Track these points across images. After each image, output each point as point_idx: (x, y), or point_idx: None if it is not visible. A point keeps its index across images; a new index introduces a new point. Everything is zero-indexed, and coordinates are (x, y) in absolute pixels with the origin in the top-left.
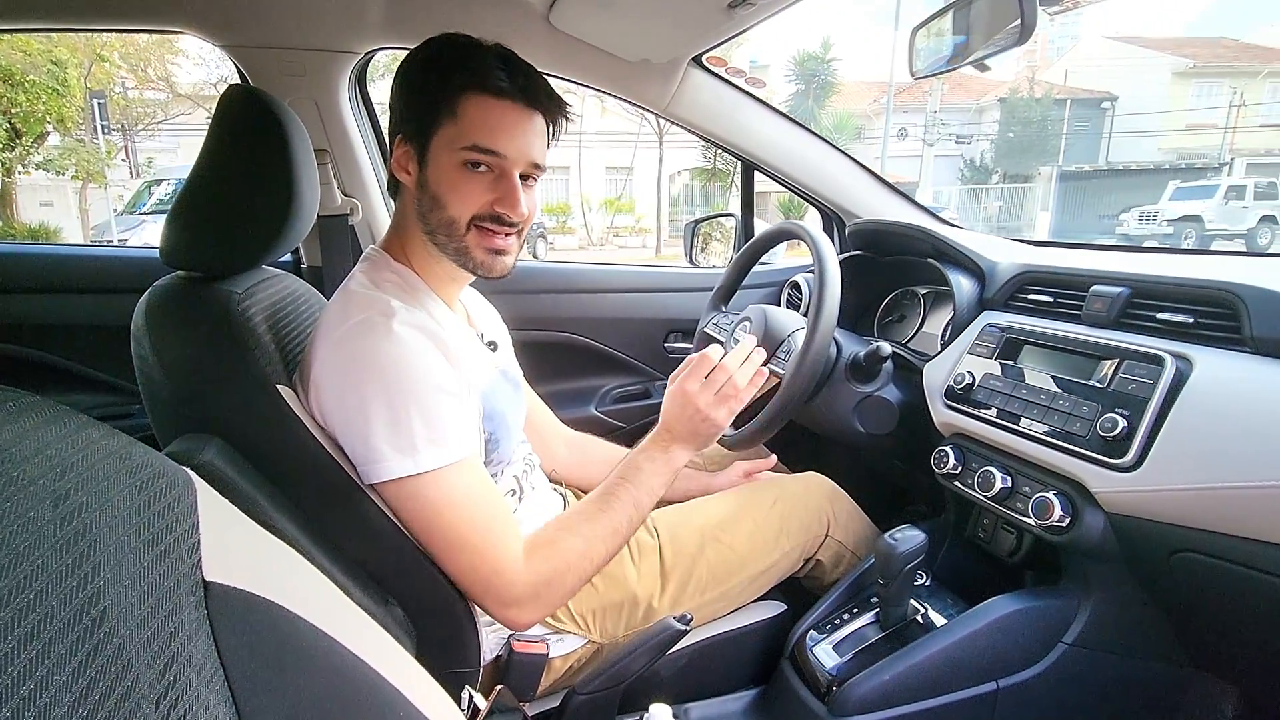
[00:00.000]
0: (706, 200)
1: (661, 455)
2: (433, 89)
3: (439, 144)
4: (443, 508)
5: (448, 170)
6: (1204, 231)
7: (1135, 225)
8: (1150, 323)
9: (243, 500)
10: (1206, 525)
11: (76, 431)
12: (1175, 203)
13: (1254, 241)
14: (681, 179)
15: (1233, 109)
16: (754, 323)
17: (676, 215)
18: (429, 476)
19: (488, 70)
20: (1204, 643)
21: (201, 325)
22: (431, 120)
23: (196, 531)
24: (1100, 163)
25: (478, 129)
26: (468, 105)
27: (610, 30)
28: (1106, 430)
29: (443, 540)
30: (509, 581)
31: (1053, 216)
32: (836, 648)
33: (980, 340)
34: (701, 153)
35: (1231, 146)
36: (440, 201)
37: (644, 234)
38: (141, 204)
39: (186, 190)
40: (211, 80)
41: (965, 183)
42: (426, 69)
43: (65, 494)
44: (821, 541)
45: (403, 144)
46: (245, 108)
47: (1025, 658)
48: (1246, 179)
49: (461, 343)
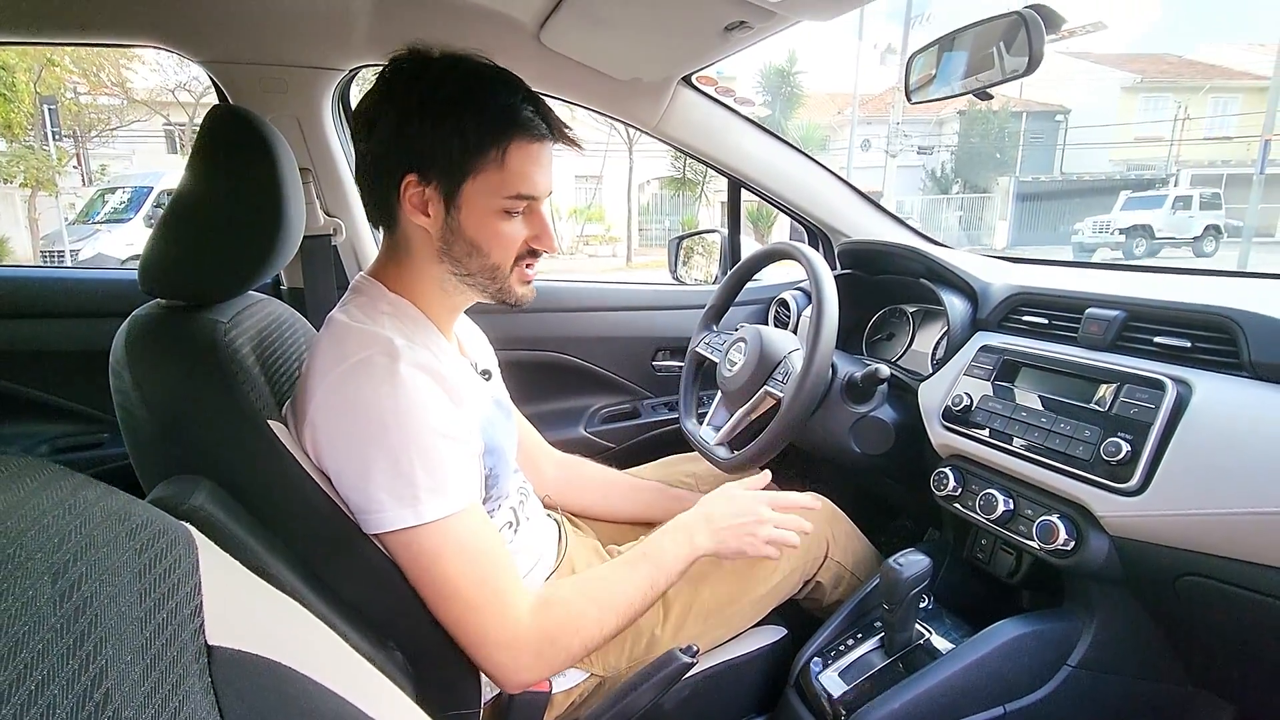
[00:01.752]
0: (676, 209)
1: (686, 541)
2: (472, 137)
3: (477, 190)
4: (443, 558)
5: (487, 217)
6: (1153, 240)
7: (1090, 234)
8: (1147, 346)
9: (236, 546)
10: (1212, 549)
11: (73, 494)
12: (1126, 212)
13: (1200, 249)
14: (651, 188)
15: (1178, 122)
16: (749, 344)
17: (646, 224)
18: (430, 527)
19: (524, 113)
20: (1204, 662)
21: (187, 358)
22: (468, 164)
23: (199, 593)
24: (1055, 173)
25: (521, 178)
26: (513, 154)
27: (602, 50)
28: (1110, 454)
29: (442, 590)
30: (511, 636)
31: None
32: (842, 674)
33: (976, 362)
34: (671, 162)
35: (1177, 159)
36: (482, 249)
37: (614, 242)
38: (95, 213)
39: (170, 215)
40: (169, 86)
41: (927, 193)
42: (459, 109)
43: (64, 566)
44: (821, 563)
45: (419, 184)
46: (231, 129)
47: (1031, 681)
48: (1192, 190)
49: (461, 377)
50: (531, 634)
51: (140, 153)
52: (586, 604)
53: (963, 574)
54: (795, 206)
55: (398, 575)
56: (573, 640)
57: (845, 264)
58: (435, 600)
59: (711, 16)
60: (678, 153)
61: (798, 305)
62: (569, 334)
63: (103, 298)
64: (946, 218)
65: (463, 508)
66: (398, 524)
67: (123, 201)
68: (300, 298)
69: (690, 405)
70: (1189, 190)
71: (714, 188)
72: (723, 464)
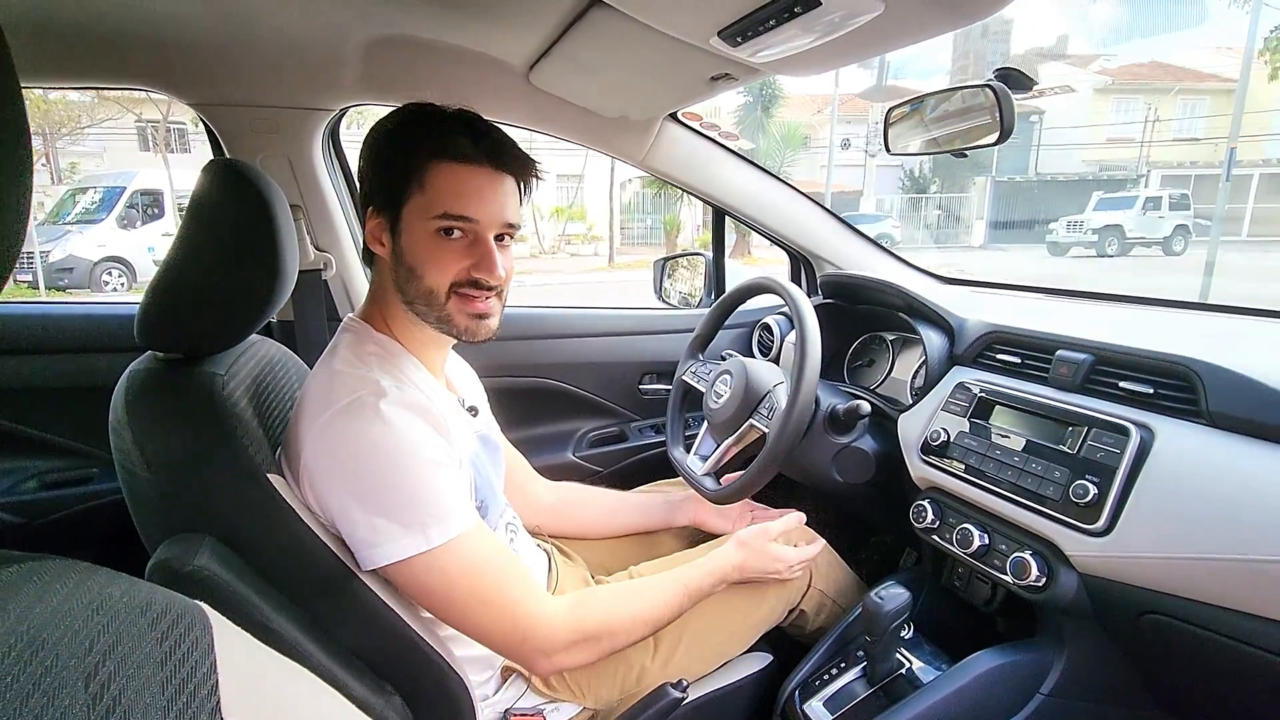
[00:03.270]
0: (658, 209)
1: (719, 572)
2: (399, 160)
3: (410, 214)
4: (462, 575)
5: (421, 239)
6: (1124, 239)
7: (1064, 233)
8: (1113, 390)
9: (240, 603)
10: (1173, 590)
11: (100, 594)
12: (1099, 213)
13: (1169, 248)
14: (633, 186)
15: (1148, 124)
16: (734, 377)
17: (628, 223)
18: (441, 550)
19: (452, 137)
20: (1168, 691)
21: (187, 418)
22: (401, 191)
23: (214, 672)
24: (1030, 174)
25: (446, 196)
26: (434, 174)
27: (589, 91)
28: (1079, 496)
29: (469, 604)
30: (551, 628)
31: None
32: (827, 704)
33: (953, 398)
34: None
35: (1147, 160)
36: (417, 272)
37: (596, 241)
38: (65, 213)
39: (169, 268)
40: None
41: (906, 192)
42: (392, 140)
43: (95, 669)
44: (804, 592)
45: (375, 215)
46: (228, 182)
47: (1006, 710)
48: (1162, 191)
49: (448, 413)
50: (568, 622)
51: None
52: (620, 608)
53: (941, 600)
54: (779, 234)
55: (397, 619)
56: (603, 639)
57: (827, 293)
58: (463, 615)
59: (697, 70)
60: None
61: (781, 331)
62: (556, 360)
63: (92, 333)
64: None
65: (470, 527)
66: (409, 551)
67: (94, 202)
68: (290, 330)
69: (678, 432)
70: (1159, 191)
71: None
72: (710, 495)
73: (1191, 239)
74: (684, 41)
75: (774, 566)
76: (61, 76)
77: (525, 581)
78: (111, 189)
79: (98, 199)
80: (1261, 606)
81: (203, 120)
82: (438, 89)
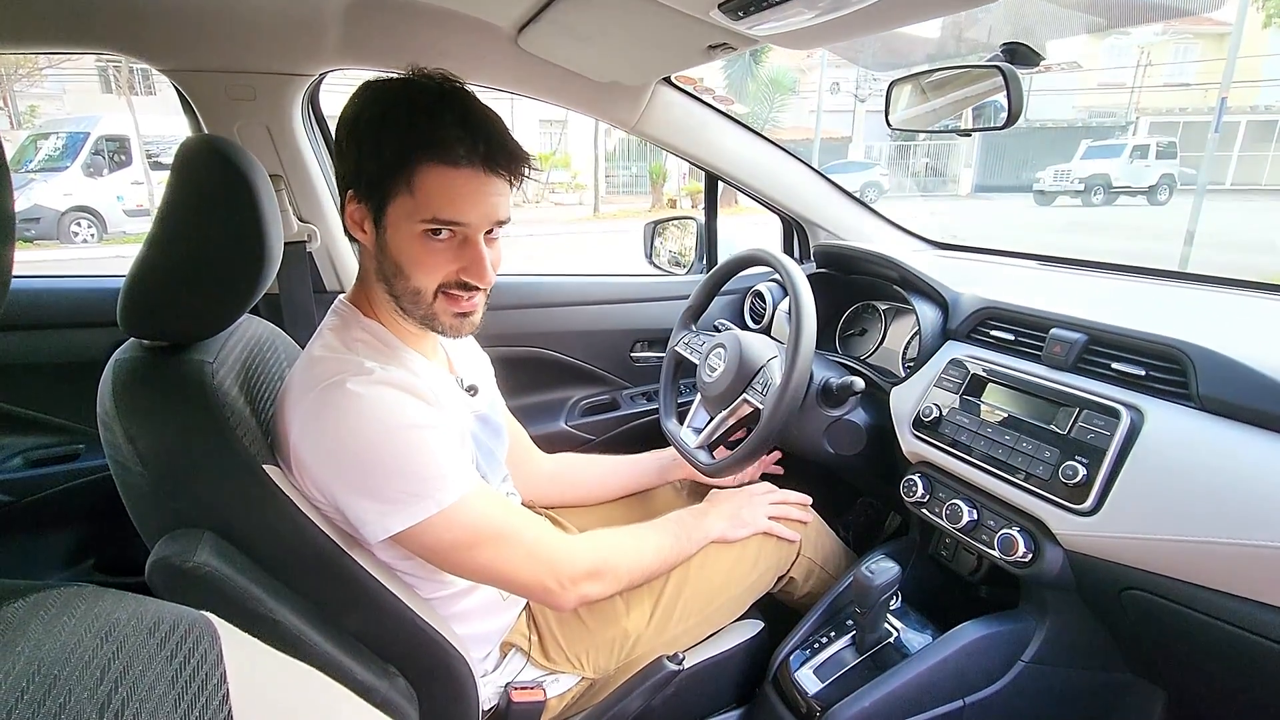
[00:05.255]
0: (643, 155)
1: (700, 523)
2: (386, 157)
3: (396, 213)
4: (481, 524)
5: (408, 240)
6: (1110, 190)
7: (1050, 182)
8: (1106, 371)
9: (242, 597)
10: (1155, 569)
11: (108, 620)
12: (1086, 161)
13: (1154, 198)
14: (618, 134)
15: (1140, 68)
16: (728, 350)
17: (613, 171)
18: (452, 509)
19: (446, 138)
20: (1143, 658)
21: (178, 410)
22: (387, 189)
23: (225, 683)
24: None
25: (436, 201)
26: (425, 178)
27: (581, 55)
28: (1068, 477)
29: (492, 550)
30: (572, 554)
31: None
32: (817, 672)
33: (946, 374)
34: None
35: (1137, 106)
36: (403, 271)
37: (580, 190)
38: (28, 160)
39: (150, 252)
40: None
41: (894, 139)
42: (379, 131)
43: (108, 698)
44: (794, 560)
45: (355, 200)
46: (207, 161)
47: (988, 676)
48: (1150, 138)
49: (441, 389)
50: (585, 549)
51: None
52: (628, 541)
53: (928, 569)
54: (773, 200)
55: (395, 600)
56: (619, 566)
57: (820, 263)
58: (488, 563)
59: (695, 37)
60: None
61: (773, 298)
62: (549, 329)
63: (76, 309)
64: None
65: (474, 484)
66: (421, 515)
67: (57, 148)
68: (275, 304)
69: (670, 404)
70: (1146, 139)
71: None
72: (703, 468)
73: (1177, 188)
74: (683, 12)
75: (756, 503)
76: (23, 40)
77: (539, 521)
78: (75, 134)
79: (60, 145)
80: (1242, 588)
81: (176, 88)
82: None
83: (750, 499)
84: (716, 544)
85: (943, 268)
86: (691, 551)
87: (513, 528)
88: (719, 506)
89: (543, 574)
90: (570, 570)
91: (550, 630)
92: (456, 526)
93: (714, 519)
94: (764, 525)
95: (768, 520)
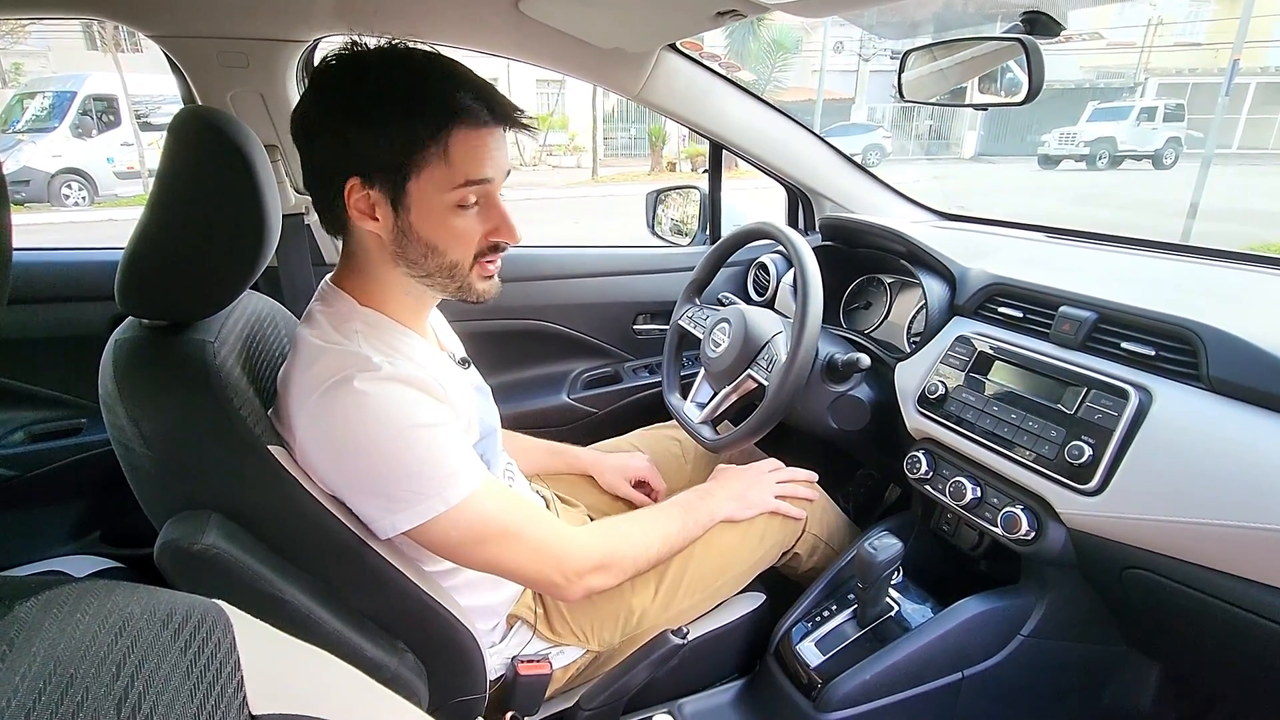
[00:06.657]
0: (641, 117)
1: (707, 504)
2: (410, 131)
3: (425, 187)
4: (488, 521)
5: (440, 214)
6: (1116, 152)
7: (1056, 145)
8: (1115, 350)
9: (251, 578)
10: (1156, 549)
11: (122, 614)
12: (1092, 124)
13: (1160, 162)
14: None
15: (1150, 27)
16: (733, 325)
17: (611, 133)
18: (461, 506)
19: (467, 104)
20: (1141, 634)
21: (180, 391)
22: (412, 164)
23: (239, 669)
24: None
25: (470, 164)
26: (457, 144)
27: (583, 20)
28: (1074, 457)
29: (498, 546)
30: (580, 548)
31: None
32: (819, 645)
33: (953, 351)
34: None
35: (1146, 66)
36: (438, 248)
37: (579, 152)
38: (15, 120)
39: (146, 231)
40: None
41: (898, 101)
42: (395, 108)
43: (125, 693)
44: (799, 536)
45: (363, 187)
46: (201, 134)
47: (987, 650)
48: (1157, 101)
49: (446, 378)
50: (592, 541)
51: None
52: (635, 531)
53: (929, 544)
54: (779, 170)
55: (403, 577)
56: (626, 556)
57: (826, 235)
58: (496, 558)
59: (702, 3)
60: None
61: (777, 270)
62: (549, 301)
63: (75, 282)
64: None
65: (482, 480)
66: (429, 514)
67: (44, 108)
68: (274, 277)
69: (674, 378)
70: (1154, 101)
71: None
72: (707, 444)
73: (1183, 151)
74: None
75: (763, 483)
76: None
77: (545, 515)
78: (62, 93)
79: (48, 105)
80: (1245, 569)
81: (167, 55)
82: (419, 17)
83: (758, 478)
84: (723, 523)
85: (949, 240)
86: (698, 534)
87: (519, 523)
88: (726, 486)
89: (549, 569)
90: (576, 565)
91: (556, 604)
92: (464, 524)
93: (721, 500)
94: (771, 505)
95: (774, 500)
